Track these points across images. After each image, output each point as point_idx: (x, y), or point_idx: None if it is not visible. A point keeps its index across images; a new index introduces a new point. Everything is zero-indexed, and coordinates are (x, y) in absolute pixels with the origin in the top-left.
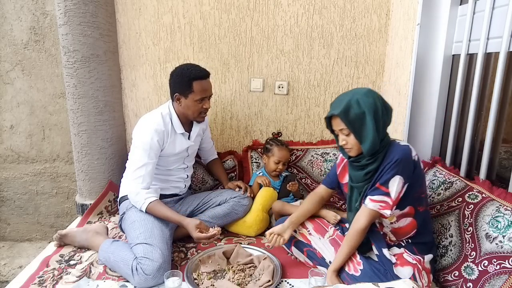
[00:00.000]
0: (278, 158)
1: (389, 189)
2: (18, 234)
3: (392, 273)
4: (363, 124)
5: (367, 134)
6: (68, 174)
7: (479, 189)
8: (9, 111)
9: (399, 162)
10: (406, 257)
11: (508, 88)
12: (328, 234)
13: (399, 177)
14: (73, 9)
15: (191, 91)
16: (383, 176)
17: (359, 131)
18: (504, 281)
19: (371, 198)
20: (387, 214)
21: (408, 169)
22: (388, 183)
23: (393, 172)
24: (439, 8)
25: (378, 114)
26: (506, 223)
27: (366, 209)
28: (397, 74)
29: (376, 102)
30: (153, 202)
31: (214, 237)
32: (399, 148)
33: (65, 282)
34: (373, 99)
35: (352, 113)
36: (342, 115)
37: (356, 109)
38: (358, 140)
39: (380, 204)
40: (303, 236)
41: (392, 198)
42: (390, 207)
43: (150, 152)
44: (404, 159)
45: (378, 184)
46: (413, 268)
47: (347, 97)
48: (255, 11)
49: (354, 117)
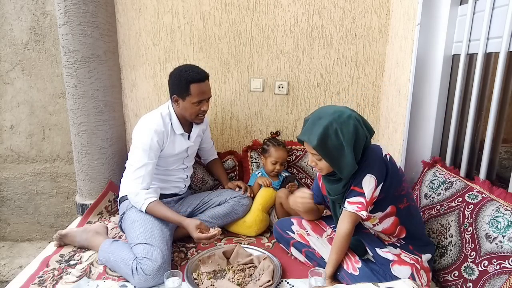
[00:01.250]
0: (275, 158)
1: (363, 189)
2: (18, 234)
3: (390, 273)
4: (341, 155)
5: (345, 164)
6: (68, 174)
7: (479, 189)
8: (9, 111)
9: (369, 162)
10: (403, 257)
11: (508, 88)
12: (326, 234)
13: (370, 176)
14: (73, 9)
15: (188, 94)
16: (356, 178)
17: (336, 161)
18: (504, 281)
19: (348, 201)
20: (364, 215)
21: (379, 168)
22: (361, 183)
23: (366, 172)
24: (439, 8)
25: (358, 143)
26: (506, 223)
27: (346, 212)
28: (397, 74)
29: (357, 130)
30: (153, 203)
31: (215, 237)
32: (369, 150)
33: (65, 282)
34: (353, 126)
35: (330, 145)
36: (318, 147)
37: (334, 141)
38: (334, 168)
39: (357, 205)
40: (301, 237)
41: (366, 198)
42: (365, 207)
43: (150, 152)
44: (374, 158)
45: (352, 186)
46: (411, 268)
47: (324, 123)
48: (255, 11)
49: (332, 148)
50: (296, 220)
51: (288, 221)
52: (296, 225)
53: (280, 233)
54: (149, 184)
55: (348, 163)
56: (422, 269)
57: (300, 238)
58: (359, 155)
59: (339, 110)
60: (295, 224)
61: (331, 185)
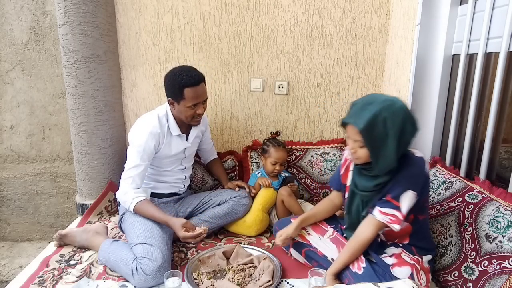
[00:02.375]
0: (274, 159)
1: (400, 204)
2: (18, 234)
3: (390, 274)
4: (383, 146)
5: (385, 156)
6: (68, 174)
7: (479, 189)
8: (9, 111)
9: (413, 177)
10: (404, 257)
11: (508, 88)
12: (328, 234)
13: (412, 192)
14: (73, 9)
15: (182, 98)
16: (396, 190)
17: (377, 150)
18: (504, 281)
19: (380, 210)
20: (396, 228)
21: (420, 183)
22: (400, 197)
23: (406, 187)
24: (439, 8)
25: (404, 137)
26: (506, 223)
27: (374, 220)
28: (397, 74)
29: (404, 123)
30: (140, 202)
31: (201, 236)
32: (413, 161)
33: (65, 282)
34: (402, 119)
35: (376, 132)
36: (364, 132)
37: (381, 129)
38: (372, 158)
39: (390, 217)
40: (302, 237)
41: (402, 212)
42: (399, 221)
43: (143, 154)
44: (418, 173)
45: (389, 197)
46: (411, 268)
47: (374, 109)
48: (255, 11)
49: (377, 136)
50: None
51: (287, 222)
52: None
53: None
54: (138, 185)
55: (388, 157)
56: (422, 269)
57: (301, 238)
58: (400, 152)
59: (390, 99)
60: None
61: (362, 180)
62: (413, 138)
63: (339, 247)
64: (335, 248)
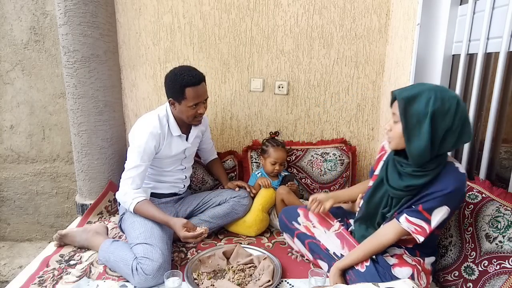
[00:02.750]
0: (274, 159)
1: (431, 217)
2: (18, 234)
3: (391, 273)
4: (418, 126)
5: (418, 140)
6: (68, 174)
7: (479, 189)
8: (9, 111)
9: (454, 194)
10: (405, 258)
11: (508, 88)
12: (334, 228)
13: (447, 208)
14: (73, 9)
15: (184, 98)
16: (430, 202)
17: (410, 128)
18: (504, 281)
19: (408, 218)
20: (420, 240)
21: (458, 201)
22: (433, 211)
23: (444, 202)
24: (439, 8)
25: (443, 124)
26: (506, 223)
27: (398, 227)
28: (397, 74)
29: (450, 112)
30: (140, 202)
31: (201, 236)
32: (457, 176)
33: (65, 282)
34: (449, 107)
35: (414, 108)
36: (402, 102)
37: (422, 106)
38: (404, 136)
39: (416, 227)
40: (307, 228)
41: (431, 226)
42: (426, 234)
43: (144, 155)
44: (459, 190)
45: (421, 207)
46: (412, 269)
47: (425, 87)
48: (255, 11)
49: (414, 112)
50: (302, 212)
51: (294, 212)
52: (302, 217)
53: (285, 223)
54: (138, 185)
55: (421, 141)
56: (423, 271)
57: (306, 229)
58: (436, 146)
59: (446, 88)
60: (301, 216)
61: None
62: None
63: (343, 243)
64: (339, 243)
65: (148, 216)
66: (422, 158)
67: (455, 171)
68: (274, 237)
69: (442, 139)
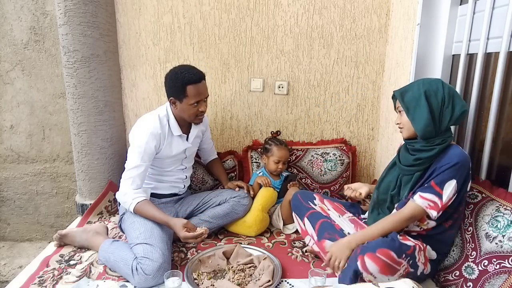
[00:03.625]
0: (277, 157)
1: (443, 191)
2: (18, 234)
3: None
4: (417, 106)
5: (420, 117)
6: (68, 174)
7: (479, 189)
8: (9, 111)
9: (460, 166)
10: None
11: (508, 88)
12: (347, 215)
13: (455, 182)
14: (73, 9)
15: (185, 96)
16: (440, 176)
17: (413, 111)
18: (504, 281)
19: (421, 195)
20: (433, 215)
21: (463, 177)
22: (444, 185)
23: (452, 175)
24: (439, 8)
25: (436, 100)
26: (506, 223)
27: (413, 204)
28: (397, 74)
29: (439, 90)
30: (141, 202)
31: (202, 236)
32: (460, 152)
33: (65, 282)
34: (436, 87)
35: (410, 94)
36: (400, 94)
37: (415, 91)
38: (409, 118)
39: (429, 203)
40: (323, 210)
41: (442, 201)
42: (438, 209)
43: (144, 155)
44: (464, 164)
45: (433, 182)
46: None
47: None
48: (255, 11)
49: (410, 97)
50: (318, 197)
51: (310, 195)
52: (318, 200)
53: (300, 202)
54: (139, 185)
55: (423, 117)
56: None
57: (321, 210)
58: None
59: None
60: (317, 199)
61: (406, 154)
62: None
63: (357, 227)
64: (353, 227)
65: (148, 216)
66: (427, 131)
67: (458, 148)
68: (274, 237)
69: (439, 115)
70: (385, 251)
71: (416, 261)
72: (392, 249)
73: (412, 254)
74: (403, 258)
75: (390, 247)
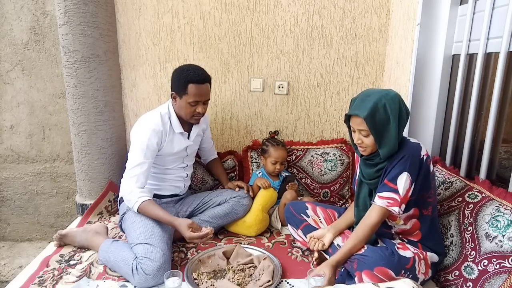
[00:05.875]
0: (274, 158)
1: (397, 186)
2: (18, 234)
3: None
4: (386, 130)
5: (389, 140)
6: (68, 174)
7: (479, 189)
8: (9, 111)
9: (406, 159)
10: (408, 246)
11: (508, 88)
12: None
13: (407, 174)
14: (73, 9)
15: (185, 93)
16: (391, 172)
17: (381, 135)
18: (504, 280)
19: (379, 195)
20: (395, 211)
21: (414, 167)
22: (396, 180)
23: (401, 169)
24: (439, 8)
25: (401, 120)
26: (505, 223)
27: (375, 206)
28: (397, 74)
29: (401, 107)
30: (145, 202)
31: (207, 236)
32: (409, 145)
33: (65, 282)
34: (398, 104)
35: (378, 118)
36: (368, 119)
37: (382, 114)
38: (377, 143)
39: (388, 201)
40: (315, 222)
41: (400, 195)
42: (398, 204)
43: (147, 152)
44: (411, 156)
45: (386, 180)
46: (414, 255)
47: (374, 99)
48: (255, 11)
49: (379, 122)
50: (310, 206)
51: (302, 205)
52: (311, 210)
53: (293, 214)
54: (143, 183)
55: (391, 140)
56: (423, 259)
57: (314, 222)
58: (401, 134)
59: (386, 90)
60: (309, 209)
61: (367, 169)
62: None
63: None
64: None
65: (153, 216)
66: (392, 151)
67: (406, 142)
68: (274, 237)
69: (402, 127)
70: (383, 269)
71: (416, 273)
72: (390, 267)
73: (412, 267)
74: (402, 275)
75: (388, 264)
